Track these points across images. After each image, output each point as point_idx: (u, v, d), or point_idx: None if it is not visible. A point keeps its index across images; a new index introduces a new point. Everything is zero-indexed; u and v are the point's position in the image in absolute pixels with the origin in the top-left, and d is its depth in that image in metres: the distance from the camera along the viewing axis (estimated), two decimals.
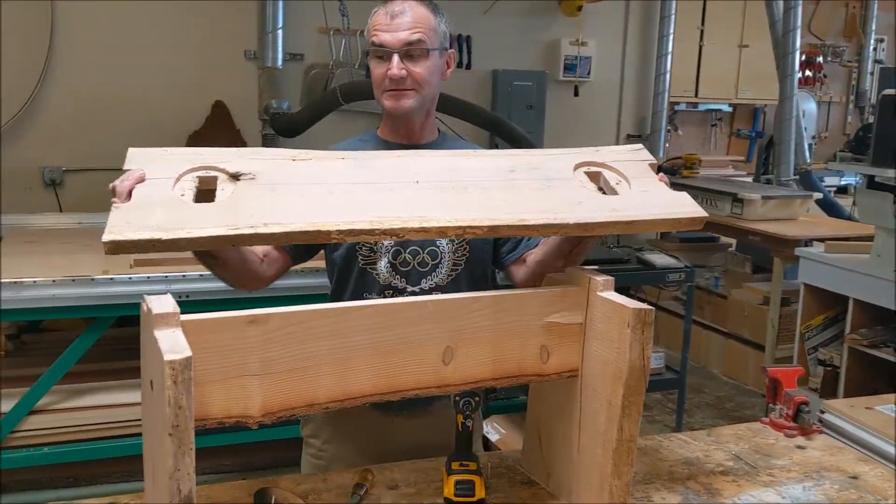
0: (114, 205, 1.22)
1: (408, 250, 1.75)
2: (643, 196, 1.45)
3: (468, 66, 5.84)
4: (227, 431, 2.95)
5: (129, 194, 1.25)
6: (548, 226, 1.34)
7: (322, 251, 1.85)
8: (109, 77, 4.90)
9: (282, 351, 1.24)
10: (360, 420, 1.79)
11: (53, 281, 2.92)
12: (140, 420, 1.27)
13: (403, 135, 1.81)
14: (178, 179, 1.29)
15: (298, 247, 1.73)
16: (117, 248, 1.13)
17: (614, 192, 1.47)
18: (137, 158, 1.32)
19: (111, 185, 1.28)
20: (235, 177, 1.31)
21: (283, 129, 4.62)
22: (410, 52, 1.70)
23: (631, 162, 1.54)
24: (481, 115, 4.48)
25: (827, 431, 1.90)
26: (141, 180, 1.27)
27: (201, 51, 5.10)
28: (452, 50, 1.83)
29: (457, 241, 1.76)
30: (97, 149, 4.91)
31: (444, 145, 1.84)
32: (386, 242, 1.73)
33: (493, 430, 3.43)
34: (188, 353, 1.03)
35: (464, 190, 1.39)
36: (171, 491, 1.06)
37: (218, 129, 5.15)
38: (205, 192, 1.31)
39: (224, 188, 1.30)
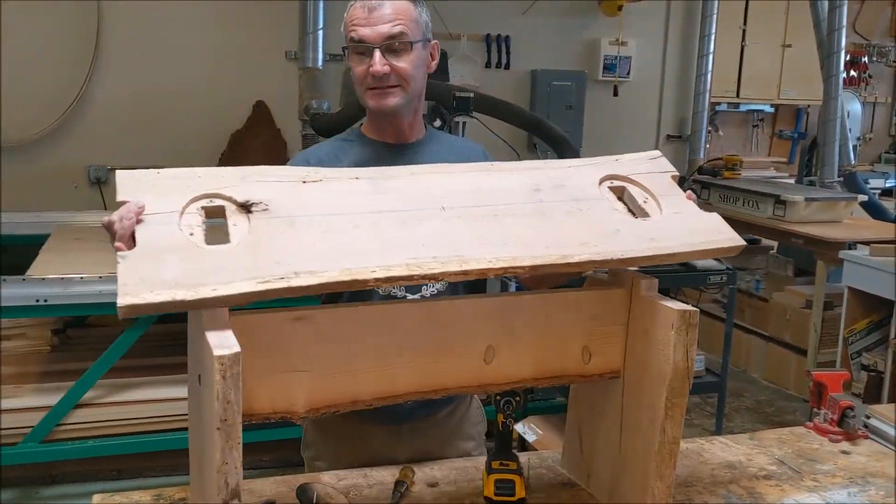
0: (118, 253, 1.11)
1: None
2: (677, 220, 1.42)
3: (507, 67, 5.84)
4: (266, 427, 2.98)
5: (133, 238, 1.14)
6: (591, 262, 1.30)
7: None
8: (153, 77, 4.99)
9: (327, 347, 1.26)
10: (363, 433, 1.73)
11: (100, 277, 2.98)
12: (184, 415, 1.29)
13: (391, 134, 1.73)
14: (182, 213, 1.19)
15: None
16: (135, 311, 1.04)
17: (644, 213, 1.43)
18: (129, 185, 1.21)
19: (105, 220, 1.19)
20: (245, 207, 1.21)
21: (323, 129, 4.64)
22: (392, 46, 1.61)
23: (654, 175, 1.50)
24: (520, 115, 4.46)
25: (872, 437, 1.87)
26: (139, 215, 1.16)
27: (243, 51, 5.17)
28: (436, 41, 1.73)
29: None
30: (141, 148, 5.01)
31: (433, 143, 1.78)
32: None
33: (531, 430, 3.42)
34: (237, 348, 1.05)
35: (494, 218, 1.33)
36: (219, 484, 1.07)
37: (259, 128, 5.21)
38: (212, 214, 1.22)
39: (236, 223, 1.20)
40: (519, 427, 3.41)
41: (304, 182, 1.30)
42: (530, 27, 5.85)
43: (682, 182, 5.98)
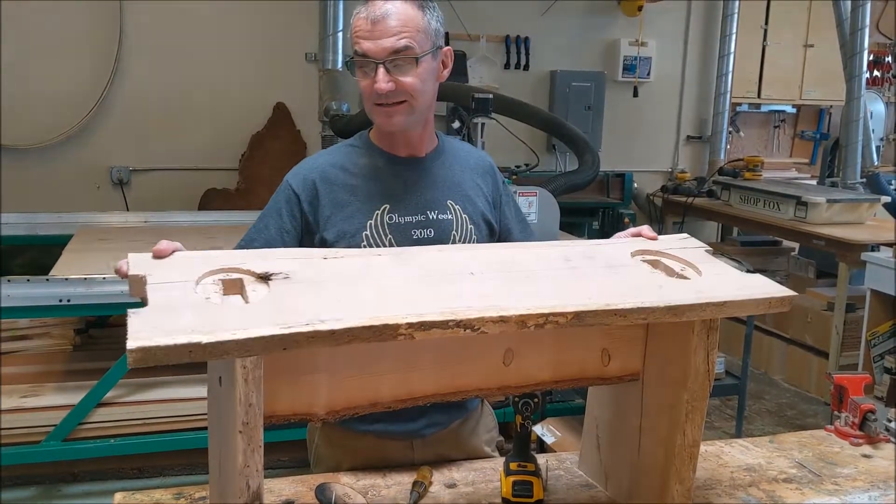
0: (129, 313, 1.02)
1: None
2: (720, 278, 1.38)
3: (526, 67, 5.84)
4: (283, 427, 3.00)
5: (145, 295, 1.10)
6: (638, 310, 1.22)
7: None
8: (174, 79, 5.04)
9: (347, 350, 1.25)
10: (375, 448, 1.69)
11: (122, 278, 3.00)
12: (203, 414, 1.29)
13: (402, 147, 1.68)
14: (197, 283, 1.15)
15: None
16: (146, 356, 0.97)
17: (684, 278, 1.38)
18: (141, 265, 1.19)
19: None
20: (264, 277, 1.17)
21: (343, 131, 4.66)
22: (397, 61, 1.54)
23: (687, 249, 1.47)
24: (539, 116, 4.46)
25: (894, 440, 1.85)
26: (165, 254, 1.19)
27: (263, 54, 5.21)
28: (448, 48, 1.65)
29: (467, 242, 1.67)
30: (162, 149, 5.06)
31: (445, 154, 1.73)
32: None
33: (549, 432, 3.42)
34: None
35: (527, 279, 1.28)
36: (241, 487, 1.08)
37: (279, 130, 5.25)
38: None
39: (255, 290, 1.15)
40: (537, 429, 3.41)
41: (325, 258, 1.28)
42: (549, 28, 5.84)
43: (702, 182, 5.97)
